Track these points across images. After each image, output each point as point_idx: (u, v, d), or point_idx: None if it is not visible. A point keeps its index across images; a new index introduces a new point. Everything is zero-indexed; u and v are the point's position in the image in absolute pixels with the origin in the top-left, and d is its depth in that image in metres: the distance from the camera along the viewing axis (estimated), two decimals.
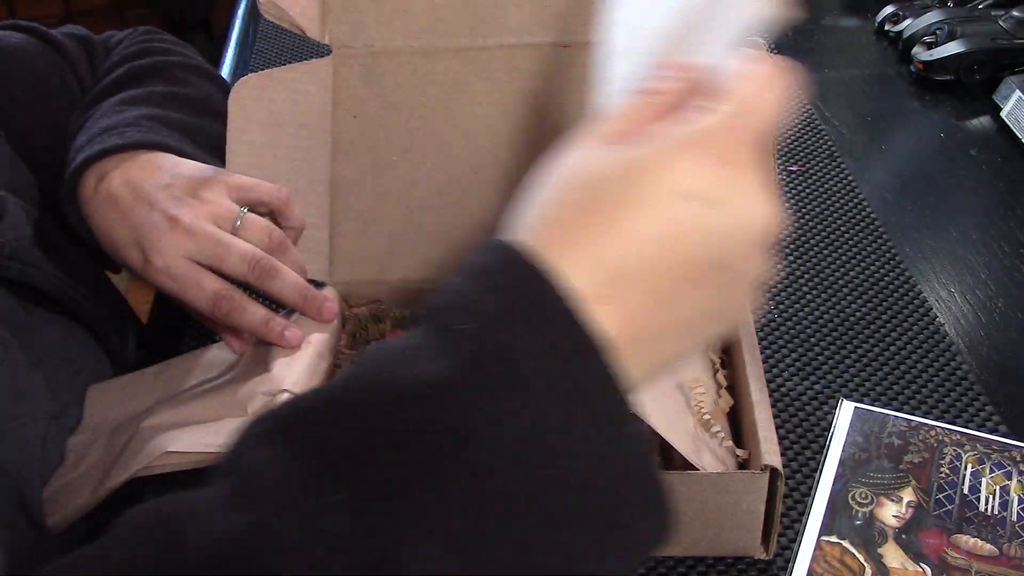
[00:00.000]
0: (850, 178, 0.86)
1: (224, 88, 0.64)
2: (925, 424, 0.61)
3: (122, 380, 0.64)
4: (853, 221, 0.81)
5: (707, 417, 0.54)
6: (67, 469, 0.57)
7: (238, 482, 0.29)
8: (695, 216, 0.31)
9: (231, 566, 0.27)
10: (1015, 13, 0.95)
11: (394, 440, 0.28)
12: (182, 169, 0.60)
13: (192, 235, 0.57)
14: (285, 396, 0.55)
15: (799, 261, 0.77)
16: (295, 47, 1.12)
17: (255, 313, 0.58)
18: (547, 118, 0.65)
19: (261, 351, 0.60)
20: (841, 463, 0.59)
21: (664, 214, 0.31)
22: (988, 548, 0.54)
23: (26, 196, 0.65)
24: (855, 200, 0.83)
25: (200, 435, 0.53)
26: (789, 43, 1.09)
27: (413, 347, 0.30)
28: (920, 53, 0.98)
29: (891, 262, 0.76)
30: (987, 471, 0.58)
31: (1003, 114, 0.91)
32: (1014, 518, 0.56)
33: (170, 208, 0.57)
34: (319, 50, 0.67)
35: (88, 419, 0.61)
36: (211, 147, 0.65)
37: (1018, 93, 0.89)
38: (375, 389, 0.30)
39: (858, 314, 0.71)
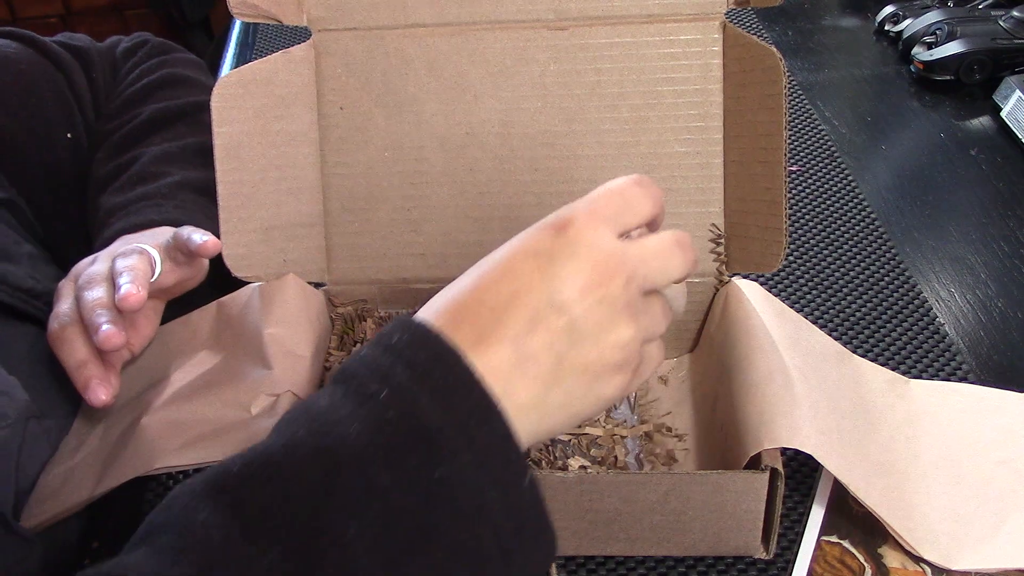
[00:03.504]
0: (850, 178, 0.86)
1: None
2: None
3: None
4: (853, 221, 0.81)
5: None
6: (65, 455, 0.57)
7: (178, 539, 0.32)
8: (563, 330, 0.37)
9: None
10: (1015, 13, 0.95)
11: (321, 500, 0.32)
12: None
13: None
14: (288, 396, 0.55)
15: (799, 261, 0.77)
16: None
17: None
18: (553, 108, 0.63)
19: (257, 348, 0.58)
20: None
21: (540, 325, 0.36)
22: None
23: (9, 207, 0.66)
24: (855, 200, 0.83)
25: (196, 452, 0.53)
26: (789, 43, 1.09)
27: (335, 411, 0.34)
28: (920, 53, 0.98)
29: (891, 262, 0.76)
30: None
31: (1003, 114, 0.91)
32: None
33: None
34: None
35: None
36: None
37: (1018, 93, 0.89)
38: (304, 453, 0.33)
39: (858, 314, 0.71)
